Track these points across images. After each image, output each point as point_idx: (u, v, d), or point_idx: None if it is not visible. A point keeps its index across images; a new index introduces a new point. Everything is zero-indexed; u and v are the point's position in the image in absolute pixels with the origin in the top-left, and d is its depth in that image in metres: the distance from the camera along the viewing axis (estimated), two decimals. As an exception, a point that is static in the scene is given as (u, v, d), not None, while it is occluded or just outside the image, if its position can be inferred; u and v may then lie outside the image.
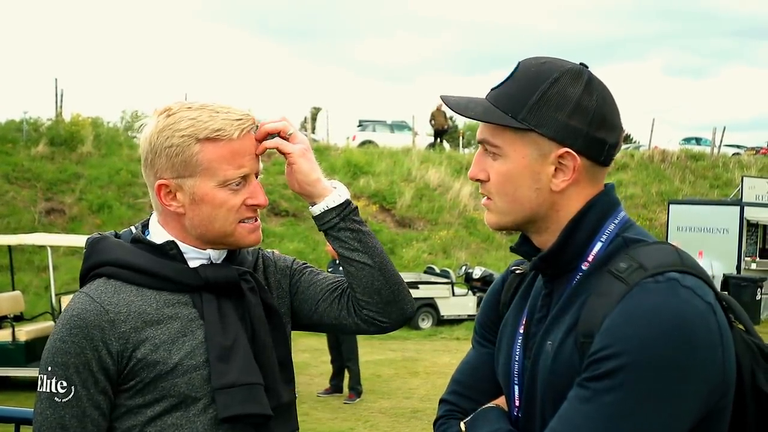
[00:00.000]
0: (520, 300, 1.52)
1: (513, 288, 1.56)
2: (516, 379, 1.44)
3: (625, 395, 1.19)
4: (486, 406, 1.49)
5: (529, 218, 1.40)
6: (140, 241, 1.67)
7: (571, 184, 1.36)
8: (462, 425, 1.47)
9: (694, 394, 1.20)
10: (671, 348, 1.18)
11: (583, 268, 1.36)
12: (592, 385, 1.22)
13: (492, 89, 1.42)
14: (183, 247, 1.65)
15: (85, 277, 1.66)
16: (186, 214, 1.63)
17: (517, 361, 1.44)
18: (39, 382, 1.57)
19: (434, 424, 1.55)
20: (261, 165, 1.67)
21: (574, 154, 1.34)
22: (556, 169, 1.36)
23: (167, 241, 1.65)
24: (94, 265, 1.65)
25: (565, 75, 1.35)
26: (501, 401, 1.49)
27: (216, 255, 1.68)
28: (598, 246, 1.36)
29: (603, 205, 1.39)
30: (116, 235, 1.71)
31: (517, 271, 1.58)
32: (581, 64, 1.39)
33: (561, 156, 1.34)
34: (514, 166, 1.37)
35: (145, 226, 1.72)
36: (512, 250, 1.50)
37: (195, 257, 1.66)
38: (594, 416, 1.20)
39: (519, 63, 1.41)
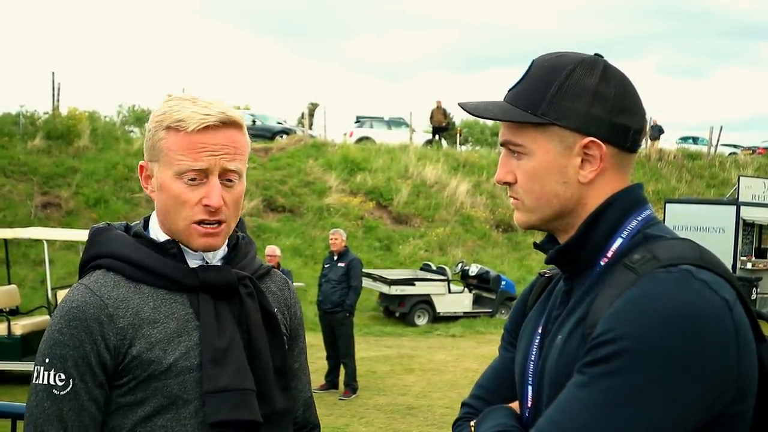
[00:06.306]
0: (543, 301, 1.48)
1: (540, 290, 1.53)
2: (530, 379, 1.39)
3: (622, 382, 1.14)
4: (496, 406, 1.45)
5: (557, 214, 1.36)
6: (140, 237, 1.66)
7: (599, 174, 1.33)
8: (471, 424, 1.45)
9: (698, 392, 1.14)
10: (673, 339, 1.13)
11: (602, 263, 1.32)
12: (590, 371, 1.17)
13: (509, 90, 1.39)
14: (182, 246, 1.64)
15: (85, 267, 1.65)
16: (155, 200, 1.65)
17: (532, 361, 1.39)
18: (35, 374, 1.54)
19: (453, 425, 1.52)
20: (237, 166, 1.60)
21: (599, 142, 1.31)
22: (582, 161, 1.32)
23: (168, 240, 1.64)
24: (95, 255, 1.64)
25: (580, 65, 1.33)
26: (515, 405, 1.45)
27: (210, 255, 1.66)
28: (618, 242, 1.31)
29: (626, 201, 1.34)
30: (126, 227, 1.70)
31: (546, 275, 1.54)
32: (596, 54, 1.37)
33: (586, 146, 1.31)
34: (540, 162, 1.34)
35: (147, 221, 1.71)
36: (536, 246, 1.47)
37: (193, 257, 1.64)
38: (590, 402, 1.16)
39: (533, 61, 1.38)
